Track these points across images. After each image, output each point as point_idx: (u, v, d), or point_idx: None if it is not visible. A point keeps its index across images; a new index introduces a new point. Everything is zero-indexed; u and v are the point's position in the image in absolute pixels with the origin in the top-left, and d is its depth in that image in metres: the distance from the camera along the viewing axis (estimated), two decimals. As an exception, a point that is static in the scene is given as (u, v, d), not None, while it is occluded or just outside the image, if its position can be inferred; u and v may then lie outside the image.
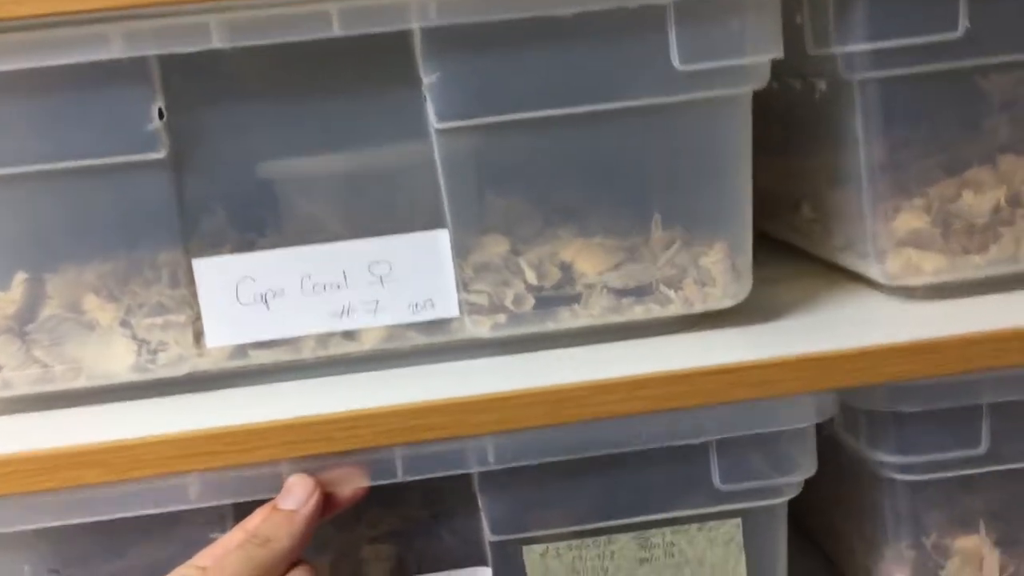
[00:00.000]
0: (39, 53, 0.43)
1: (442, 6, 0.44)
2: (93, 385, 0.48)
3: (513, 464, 0.46)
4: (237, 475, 0.45)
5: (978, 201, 0.49)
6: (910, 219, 0.50)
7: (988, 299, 0.51)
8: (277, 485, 0.45)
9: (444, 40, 0.45)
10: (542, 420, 0.45)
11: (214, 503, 0.45)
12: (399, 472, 0.45)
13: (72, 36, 0.42)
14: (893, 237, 0.50)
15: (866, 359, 0.45)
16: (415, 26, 0.44)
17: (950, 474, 0.49)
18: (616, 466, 0.48)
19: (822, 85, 0.52)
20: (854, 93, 0.49)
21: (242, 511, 0.45)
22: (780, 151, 0.61)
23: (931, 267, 0.50)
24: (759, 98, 0.49)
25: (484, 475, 0.47)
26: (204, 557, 0.43)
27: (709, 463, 0.48)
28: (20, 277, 0.48)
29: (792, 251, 0.63)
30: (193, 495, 0.45)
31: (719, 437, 0.47)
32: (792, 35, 0.51)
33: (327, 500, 0.45)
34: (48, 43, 0.43)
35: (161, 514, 0.45)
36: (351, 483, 0.45)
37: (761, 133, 0.60)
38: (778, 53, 0.47)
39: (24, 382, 0.48)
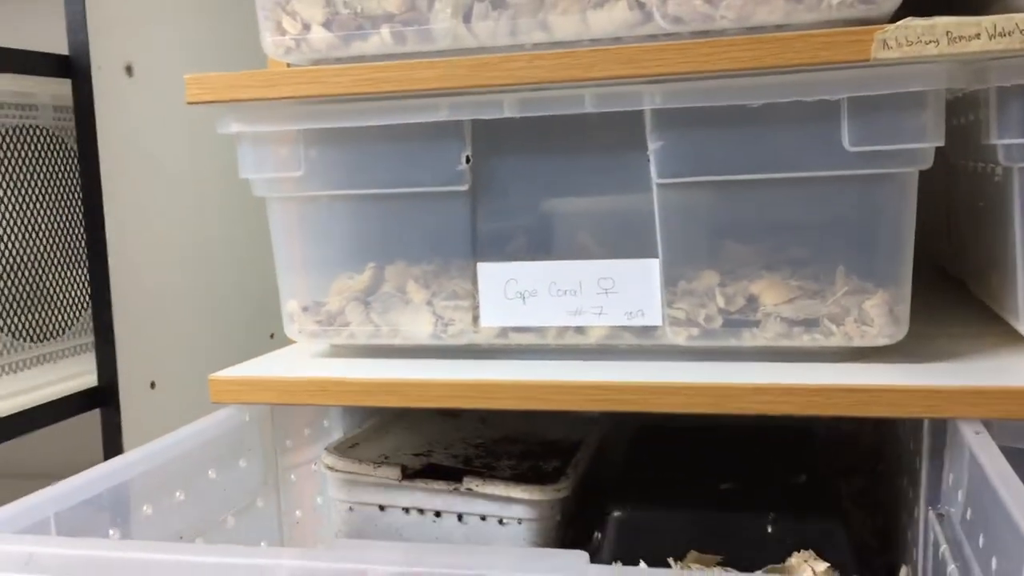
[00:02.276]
0: (396, 114, 0.64)
1: (666, 95, 0.60)
2: (404, 344, 0.69)
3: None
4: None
5: None
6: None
7: None
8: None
9: (667, 119, 0.61)
10: (710, 408, 0.59)
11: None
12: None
13: (417, 104, 0.64)
14: (1040, 302, 0.58)
15: (983, 396, 0.54)
16: (646, 108, 0.61)
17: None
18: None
19: (999, 170, 0.62)
20: (1013, 178, 0.58)
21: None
22: (986, 224, 0.69)
23: (1074, 331, 0.57)
24: (974, 175, 0.58)
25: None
26: None
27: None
28: (370, 266, 0.70)
29: (988, 312, 0.70)
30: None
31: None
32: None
33: None
34: (402, 108, 0.64)
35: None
36: None
37: (977, 206, 0.70)
38: (939, 141, 0.57)
39: (362, 336, 0.70)
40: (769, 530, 0.66)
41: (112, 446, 0.92)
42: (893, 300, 0.60)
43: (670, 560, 0.65)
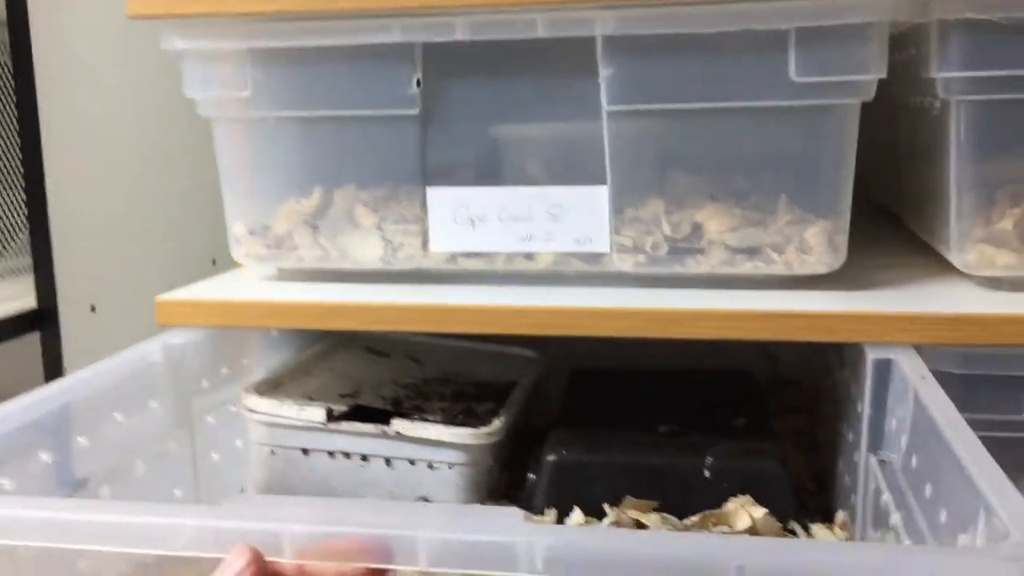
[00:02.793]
0: (348, 35, 0.64)
1: (618, 21, 0.60)
2: (353, 268, 0.69)
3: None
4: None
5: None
6: (991, 221, 0.60)
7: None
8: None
9: (618, 46, 0.61)
10: (655, 332, 0.61)
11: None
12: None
13: (368, 25, 0.63)
14: (972, 235, 0.60)
15: (913, 322, 0.57)
16: (598, 34, 0.61)
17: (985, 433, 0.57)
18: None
19: (937, 103, 0.63)
20: (951, 112, 0.60)
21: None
22: (923, 157, 0.71)
23: (1003, 262, 0.60)
24: (915, 110, 0.59)
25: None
26: None
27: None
28: (318, 189, 0.70)
29: (923, 244, 0.73)
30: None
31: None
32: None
33: None
34: (353, 29, 0.63)
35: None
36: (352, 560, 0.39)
37: (916, 140, 0.71)
38: (881, 73, 0.59)
39: (311, 260, 0.70)
40: (707, 475, 0.65)
41: (53, 369, 0.91)
42: (833, 229, 0.62)
43: (605, 507, 0.65)
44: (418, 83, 0.65)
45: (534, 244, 0.66)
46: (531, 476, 0.69)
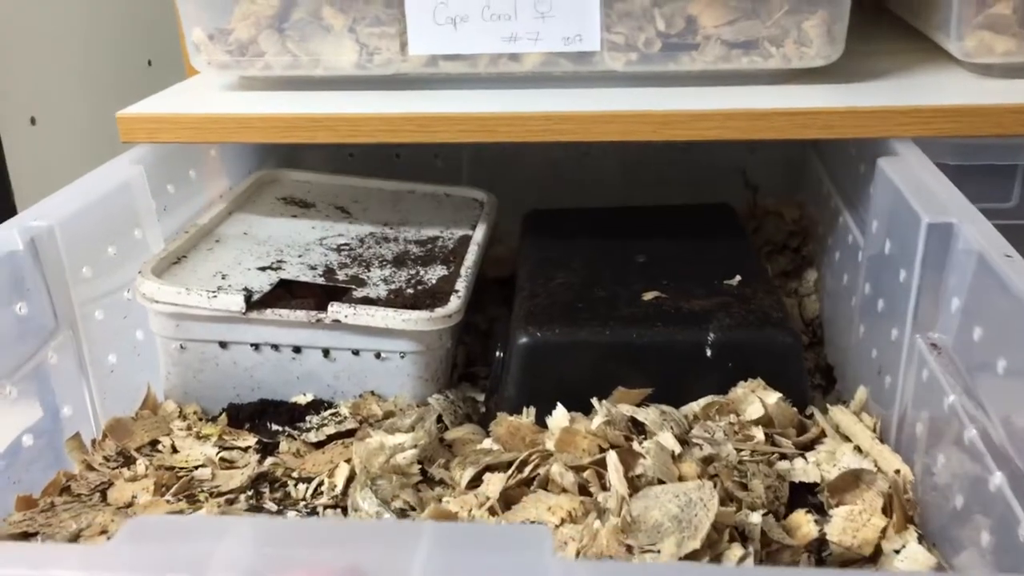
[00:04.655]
0: None
1: None
2: (325, 75, 0.65)
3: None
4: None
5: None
6: (990, 4, 0.58)
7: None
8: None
9: None
10: (650, 136, 0.59)
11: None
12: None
13: None
14: (972, 21, 0.59)
15: (913, 116, 0.56)
16: None
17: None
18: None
19: None
20: None
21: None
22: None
23: (1002, 48, 0.59)
24: None
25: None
26: None
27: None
28: (278, -13, 0.65)
29: (915, 34, 0.71)
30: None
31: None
32: None
33: None
34: None
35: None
36: None
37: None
38: None
39: (280, 67, 0.65)
40: (708, 353, 0.54)
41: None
42: (831, 19, 0.60)
43: (594, 402, 0.54)
44: None
45: (520, 44, 0.62)
46: (498, 354, 0.59)
